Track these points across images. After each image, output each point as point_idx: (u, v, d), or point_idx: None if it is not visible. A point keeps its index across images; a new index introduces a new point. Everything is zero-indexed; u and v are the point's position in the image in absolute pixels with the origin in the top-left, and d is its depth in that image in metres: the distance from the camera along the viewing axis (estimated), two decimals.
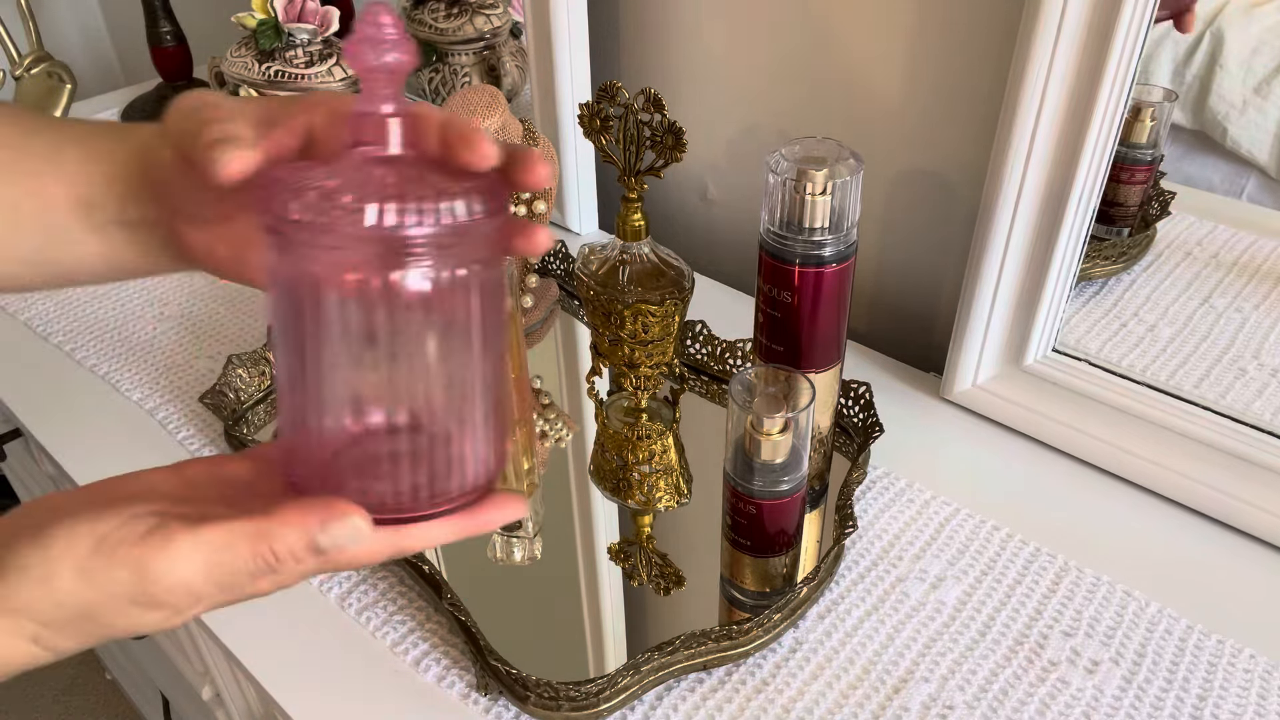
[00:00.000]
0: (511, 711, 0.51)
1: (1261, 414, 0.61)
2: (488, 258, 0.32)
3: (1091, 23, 0.55)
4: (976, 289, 0.66)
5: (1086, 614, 0.56)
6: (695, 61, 0.85)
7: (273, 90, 0.91)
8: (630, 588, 0.59)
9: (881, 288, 0.82)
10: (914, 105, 0.72)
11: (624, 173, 0.64)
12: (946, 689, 0.52)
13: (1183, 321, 0.64)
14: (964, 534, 0.61)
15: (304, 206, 0.29)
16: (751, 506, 0.53)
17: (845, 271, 0.54)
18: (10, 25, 1.10)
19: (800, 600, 0.55)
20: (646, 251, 0.66)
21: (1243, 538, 0.61)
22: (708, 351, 0.74)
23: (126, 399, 0.74)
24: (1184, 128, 0.60)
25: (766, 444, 0.51)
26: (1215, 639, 0.55)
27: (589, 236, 0.94)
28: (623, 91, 0.61)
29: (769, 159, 0.53)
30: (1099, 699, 0.52)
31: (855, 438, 0.68)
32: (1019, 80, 0.58)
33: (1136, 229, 0.65)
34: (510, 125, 0.74)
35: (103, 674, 1.62)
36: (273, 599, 0.58)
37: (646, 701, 0.52)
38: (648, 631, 0.56)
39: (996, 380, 0.70)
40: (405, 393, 0.32)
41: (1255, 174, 0.59)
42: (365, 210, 0.29)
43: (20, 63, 1.02)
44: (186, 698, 1.12)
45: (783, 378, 0.53)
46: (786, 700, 0.52)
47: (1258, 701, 0.51)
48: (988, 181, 0.62)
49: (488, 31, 0.98)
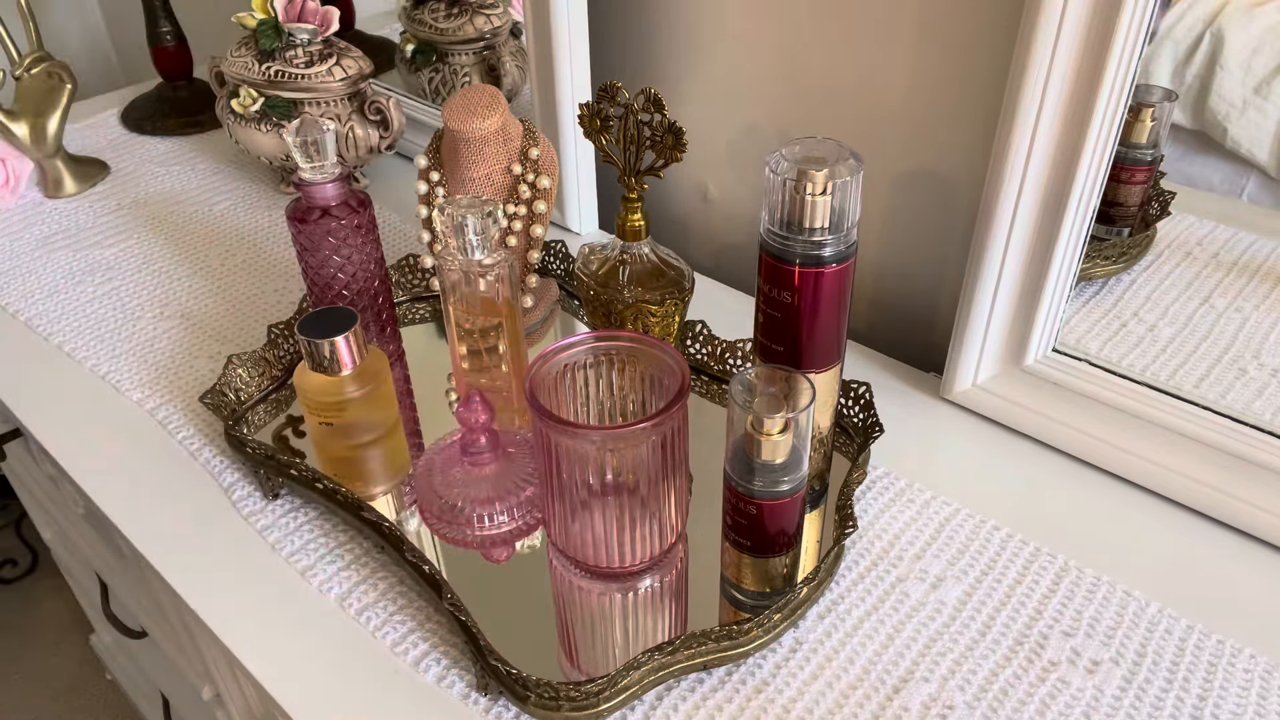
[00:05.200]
0: (511, 711, 0.51)
1: (1261, 414, 0.61)
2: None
3: (1091, 23, 0.55)
4: (976, 289, 0.66)
5: (1086, 614, 0.56)
6: (695, 61, 0.85)
7: (273, 90, 0.91)
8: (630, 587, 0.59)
9: (881, 288, 0.82)
10: (914, 105, 0.72)
11: (624, 173, 0.64)
12: (946, 689, 0.52)
13: (1183, 321, 0.64)
14: (964, 534, 0.61)
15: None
16: (751, 506, 0.53)
17: (845, 271, 0.54)
18: (10, 25, 1.10)
19: (800, 600, 0.55)
20: (646, 251, 0.66)
21: (1243, 538, 0.61)
22: (708, 351, 0.74)
23: (126, 399, 0.74)
24: (1184, 128, 0.60)
25: (766, 444, 0.51)
26: (1215, 639, 0.55)
27: (589, 236, 0.94)
28: (623, 91, 0.61)
29: (769, 159, 0.53)
30: (1099, 699, 0.52)
31: (855, 438, 0.68)
32: (1019, 80, 0.58)
33: (1136, 229, 0.65)
34: (510, 125, 0.74)
35: (103, 674, 1.62)
36: (273, 599, 0.58)
37: (646, 701, 0.52)
38: (648, 631, 0.56)
39: (996, 380, 0.70)
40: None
41: (1255, 174, 0.59)
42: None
43: (20, 63, 1.02)
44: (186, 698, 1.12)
45: (783, 378, 0.53)
46: (786, 700, 0.52)
47: (1258, 701, 0.51)
48: (988, 181, 0.62)
49: (488, 31, 0.98)
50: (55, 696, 1.61)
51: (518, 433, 0.65)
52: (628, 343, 0.55)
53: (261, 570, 0.60)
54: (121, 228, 0.97)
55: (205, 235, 0.96)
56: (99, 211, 1.00)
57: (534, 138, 0.75)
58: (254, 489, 0.65)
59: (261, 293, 0.87)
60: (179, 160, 1.10)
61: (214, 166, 1.09)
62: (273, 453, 0.63)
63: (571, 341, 0.55)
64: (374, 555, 0.61)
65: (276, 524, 0.63)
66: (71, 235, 0.96)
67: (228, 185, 1.05)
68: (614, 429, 0.50)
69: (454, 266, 0.63)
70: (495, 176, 0.75)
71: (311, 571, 0.59)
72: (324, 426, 0.63)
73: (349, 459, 0.65)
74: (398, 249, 0.92)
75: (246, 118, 0.93)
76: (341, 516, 0.62)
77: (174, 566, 0.60)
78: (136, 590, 0.98)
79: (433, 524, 0.61)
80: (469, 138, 0.73)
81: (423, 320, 0.83)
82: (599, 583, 0.57)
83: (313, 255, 0.69)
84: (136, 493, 0.66)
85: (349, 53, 0.93)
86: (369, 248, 0.71)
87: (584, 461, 0.51)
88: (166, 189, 1.04)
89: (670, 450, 0.52)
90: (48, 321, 0.83)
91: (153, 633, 1.05)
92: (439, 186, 0.77)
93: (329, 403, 0.62)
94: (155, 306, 0.85)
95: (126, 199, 1.02)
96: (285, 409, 0.72)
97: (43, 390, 0.76)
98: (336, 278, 0.71)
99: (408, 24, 1.02)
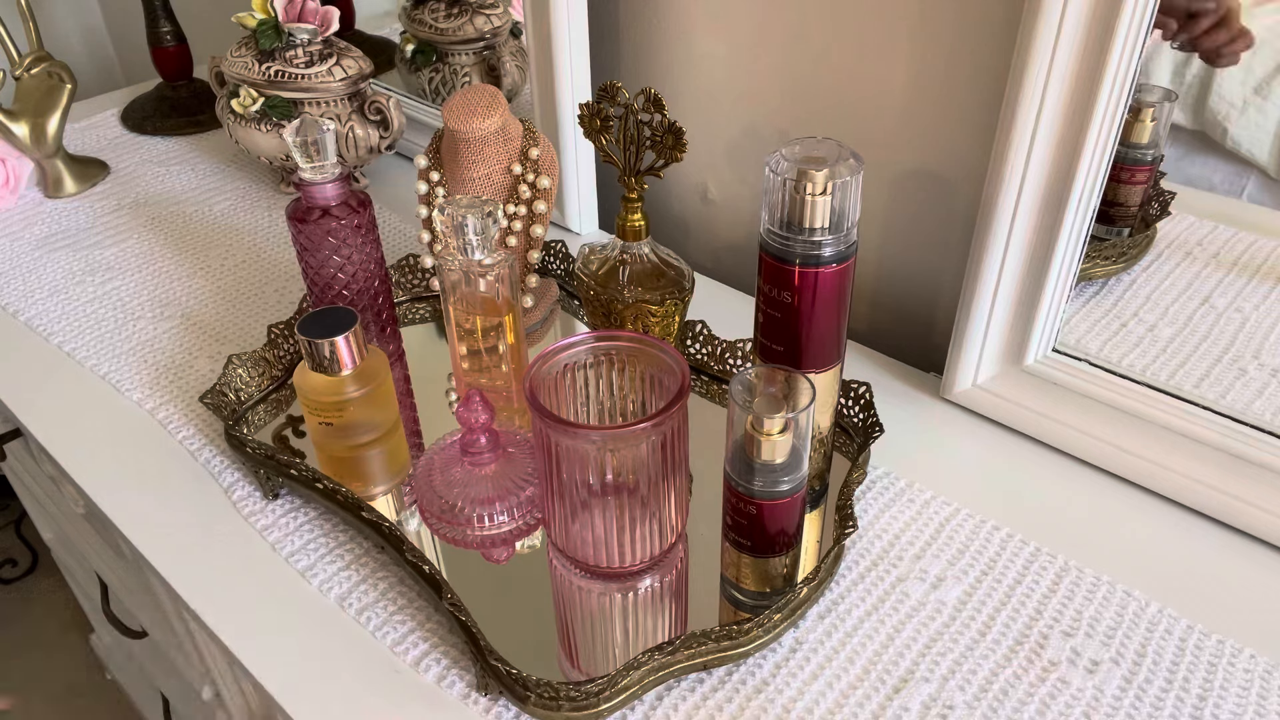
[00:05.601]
0: (511, 711, 0.51)
1: (1261, 414, 0.61)
2: None
3: (1091, 23, 0.55)
4: (976, 289, 0.66)
5: (1086, 614, 0.56)
6: (695, 61, 0.85)
7: (273, 90, 0.91)
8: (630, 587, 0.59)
9: (881, 288, 0.82)
10: (914, 105, 0.72)
11: (624, 173, 0.64)
12: (946, 689, 0.52)
13: (1183, 321, 0.64)
14: (964, 534, 0.61)
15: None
16: (751, 506, 0.53)
17: (845, 271, 0.54)
18: (10, 25, 1.10)
19: (800, 600, 0.55)
20: (646, 251, 0.66)
21: (1243, 538, 0.61)
22: (708, 351, 0.74)
23: (126, 399, 0.74)
24: (1184, 128, 0.60)
25: (766, 444, 0.51)
26: (1215, 639, 0.55)
27: (589, 236, 0.94)
28: (623, 91, 0.61)
29: (769, 159, 0.53)
30: (1099, 699, 0.52)
31: (855, 438, 0.68)
32: (1019, 80, 0.58)
33: (1137, 229, 0.65)
34: (510, 125, 0.74)
35: (103, 674, 1.62)
36: (273, 599, 0.58)
37: (646, 701, 0.52)
38: (648, 631, 0.56)
39: (996, 380, 0.70)
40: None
41: (1255, 174, 0.59)
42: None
43: (20, 63, 1.02)
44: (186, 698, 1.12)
45: (783, 378, 0.53)
46: (786, 700, 0.52)
47: (1258, 701, 0.51)
48: (988, 181, 0.62)
49: (488, 31, 0.98)
50: (55, 696, 1.61)
51: (518, 433, 0.65)
52: (628, 343, 0.55)
53: (261, 570, 0.60)
54: (121, 228, 0.97)
55: (205, 235, 0.96)
56: (99, 211, 1.00)
57: (534, 138, 0.75)
58: (254, 489, 0.65)
59: (261, 293, 0.87)
60: (179, 160, 1.10)
61: (214, 166, 1.09)
62: (273, 453, 0.63)
63: (571, 341, 0.55)
64: (374, 555, 0.61)
65: (276, 524, 0.63)
66: (71, 235, 0.96)
67: (228, 185, 1.05)
68: (614, 429, 0.50)
69: (454, 266, 0.63)
70: (495, 176, 0.75)
71: (311, 571, 0.59)
72: (324, 426, 0.63)
73: (349, 459, 0.65)
74: (398, 249, 0.92)
75: (246, 118, 0.93)
76: (341, 516, 0.62)
77: (174, 566, 0.60)
78: (136, 590, 0.98)
79: (433, 524, 0.61)
80: (469, 138, 0.73)
81: (423, 320, 0.83)
82: (599, 583, 0.57)
83: (313, 255, 0.70)
84: (136, 493, 0.66)
85: (349, 53, 0.93)
86: (369, 248, 0.71)
87: (584, 461, 0.51)
88: (166, 189, 1.04)
89: (670, 450, 0.52)
90: (48, 321, 0.83)
91: (153, 633, 1.05)
92: (439, 186, 0.77)
93: (329, 403, 0.62)
94: (155, 306, 0.85)
95: (126, 199, 1.02)
96: (285, 409, 0.72)
97: (43, 390, 0.76)
98: (336, 278, 0.71)
99: (408, 24, 1.02)
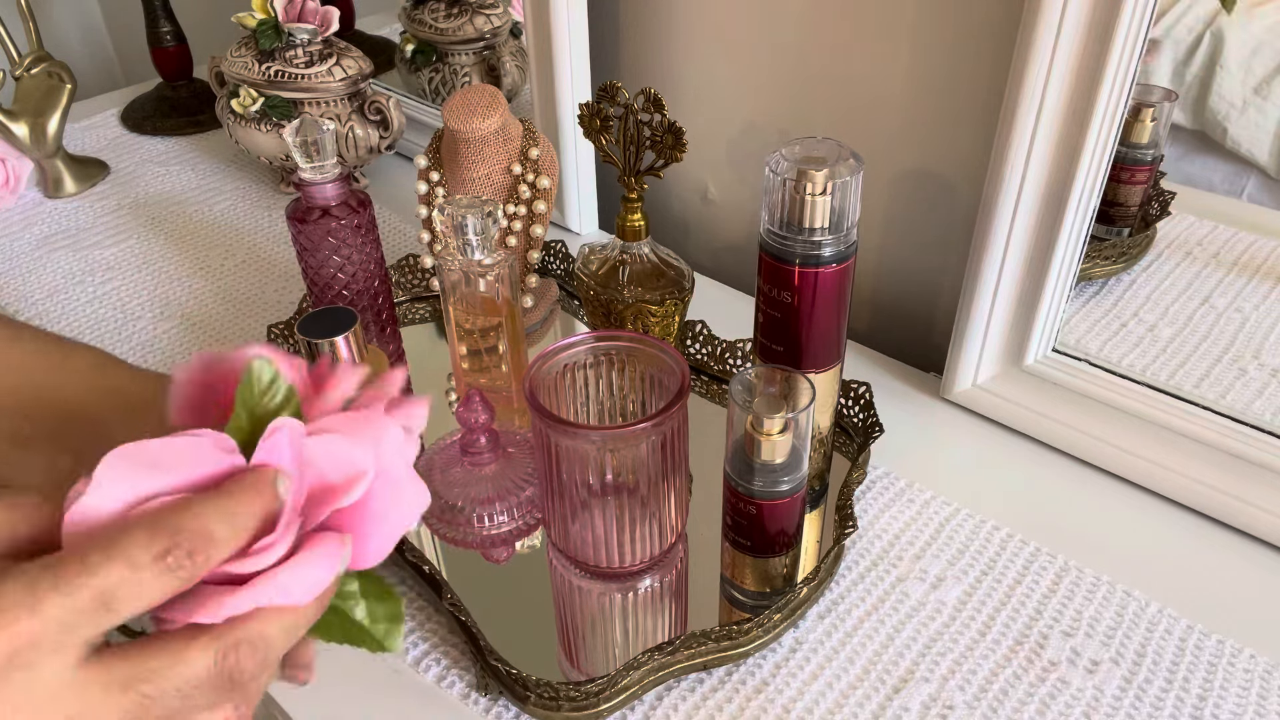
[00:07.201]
0: (511, 711, 0.51)
1: (1261, 414, 0.61)
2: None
3: (1091, 23, 0.55)
4: (976, 289, 0.66)
5: (1086, 614, 0.56)
6: (695, 61, 0.85)
7: (273, 90, 0.91)
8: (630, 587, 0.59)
9: (881, 288, 0.82)
10: (914, 105, 0.72)
11: (624, 173, 0.64)
12: (946, 689, 0.52)
13: (1183, 321, 0.64)
14: (964, 534, 0.61)
15: None
16: (751, 506, 0.53)
17: (845, 271, 0.54)
18: (10, 25, 1.10)
19: (800, 600, 0.55)
20: (646, 251, 0.66)
21: (1243, 538, 0.61)
22: (708, 351, 0.74)
23: None
24: (1184, 128, 0.60)
25: (766, 444, 0.51)
26: (1215, 639, 0.55)
27: (589, 236, 0.94)
28: (623, 91, 0.61)
29: (769, 159, 0.53)
30: (1099, 699, 0.52)
31: (855, 438, 0.68)
32: (1019, 80, 0.58)
33: (1136, 229, 0.65)
34: (510, 125, 0.74)
35: None
36: None
37: (646, 701, 0.52)
38: (648, 631, 0.56)
39: (996, 380, 0.70)
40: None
41: (1255, 174, 0.59)
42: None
43: (20, 63, 1.02)
44: None
45: (783, 378, 0.53)
46: (786, 700, 0.52)
47: (1258, 701, 0.51)
48: (988, 181, 0.62)
49: (488, 31, 0.98)
50: None
51: (518, 433, 0.65)
52: (628, 343, 0.55)
53: None
54: (121, 228, 0.97)
55: (205, 235, 0.96)
56: (99, 211, 1.00)
57: (534, 138, 0.75)
58: None
59: (261, 293, 0.87)
60: (179, 160, 1.10)
61: (214, 166, 1.09)
62: None
63: (571, 341, 0.55)
64: None
65: None
66: (71, 235, 0.96)
67: (228, 185, 1.05)
68: (614, 429, 0.50)
69: (454, 266, 0.63)
70: (495, 176, 0.75)
71: None
72: None
73: None
74: (398, 249, 0.92)
75: (246, 118, 0.93)
76: None
77: None
78: None
79: (433, 524, 0.61)
80: (469, 138, 0.73)
81: (423, 320, 0.83)
82: (599, 583, 0.57)
83: (313, 255, 0.70)
84: None
85: (349, 53, 0.93)
86: (369, 248, 0.71)
87: (584, 461, 0.51)
88: (166, 189, 1.04)
89: (670, 450, 0.52)
90: (48, 321, 0.83)
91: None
92: (439, 186, 0.77)
93: None
94: (155, 307, 0.85)
95: (126, 199, 1.02)
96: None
97: None
98: (336, 278, 0.71)
99: (408, 24, 1.02)
